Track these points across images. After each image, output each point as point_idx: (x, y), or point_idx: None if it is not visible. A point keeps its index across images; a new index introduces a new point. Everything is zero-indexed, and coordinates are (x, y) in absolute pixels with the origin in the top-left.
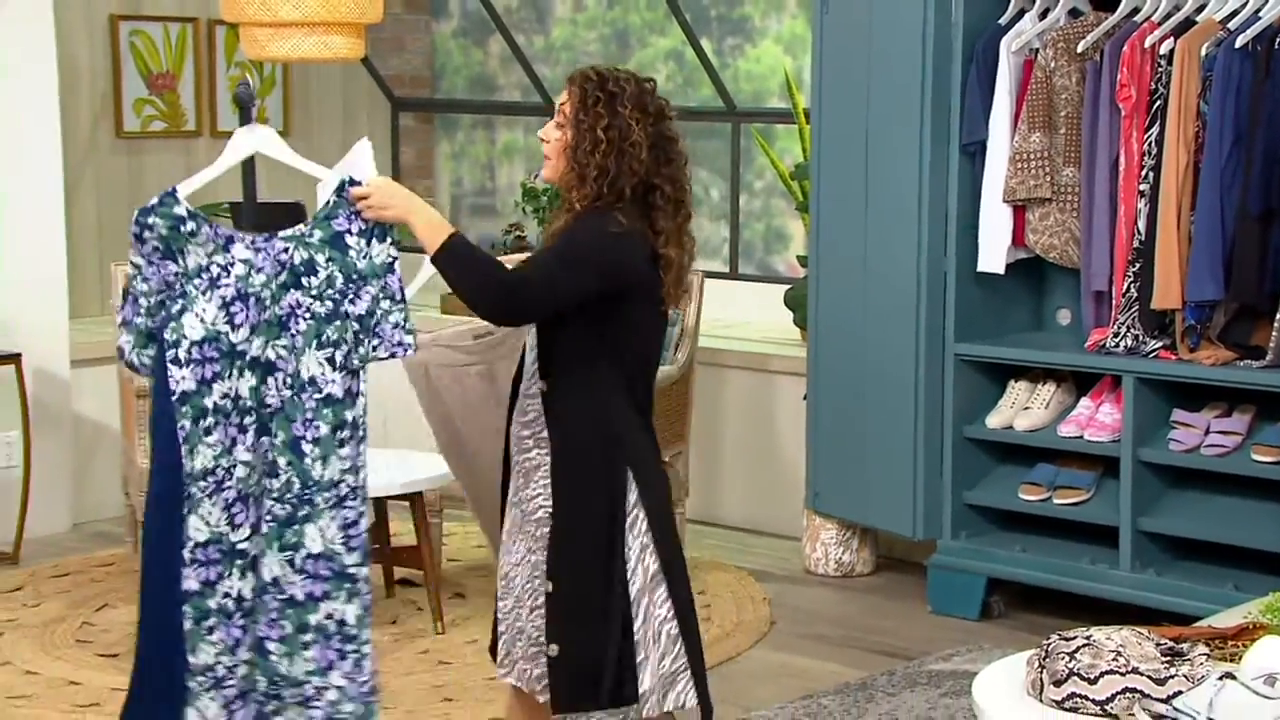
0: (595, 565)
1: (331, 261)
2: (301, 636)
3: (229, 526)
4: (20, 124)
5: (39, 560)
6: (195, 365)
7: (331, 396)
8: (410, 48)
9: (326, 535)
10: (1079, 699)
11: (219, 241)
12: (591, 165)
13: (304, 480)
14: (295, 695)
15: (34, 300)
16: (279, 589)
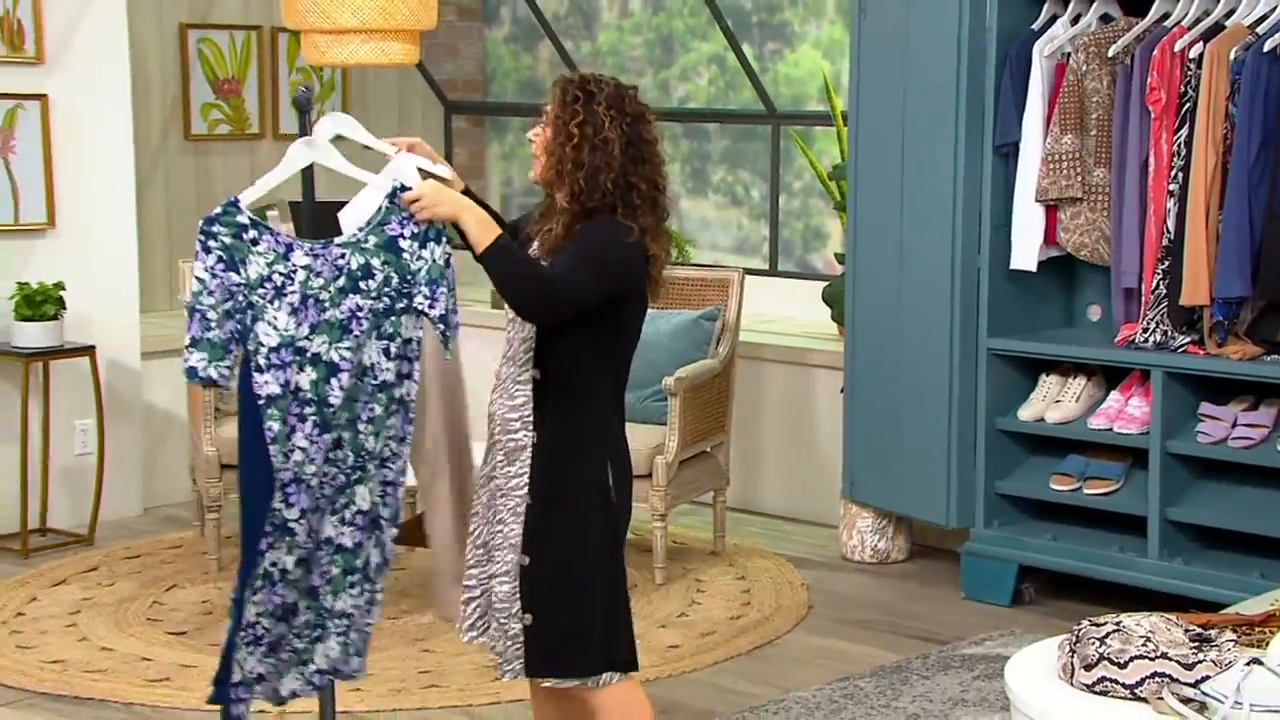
0: (573, 542)
1: (387, 264)
2: (348, 577)
3: (283, 504)
4: (95, 127)
5: (112, 542)
6: (275, 370)
7: (386, 382)
8: (463, 53)
9: (372, 493)
10: (1109, 683)
11: (279, 250)
12: (567, 160)
13: (358, 452)
14: (337, 626)
15: (107, 295)
16: (331, 544)
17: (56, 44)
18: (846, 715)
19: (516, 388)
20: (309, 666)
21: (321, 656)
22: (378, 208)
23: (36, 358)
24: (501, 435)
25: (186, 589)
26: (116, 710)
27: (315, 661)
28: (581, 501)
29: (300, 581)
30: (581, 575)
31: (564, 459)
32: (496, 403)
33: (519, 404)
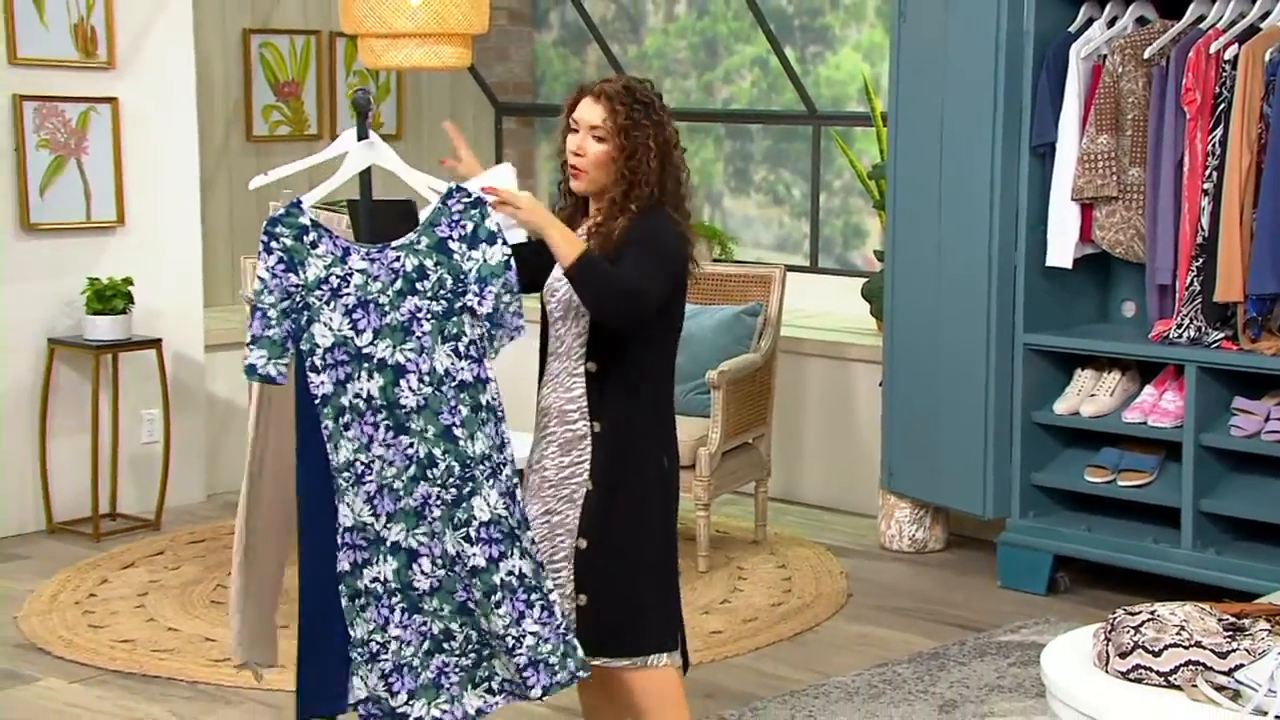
0: (631, 526)
1: (439, 265)
2: (492, 597)
3: (372, 517)
4: (162, 129)
5: (177, 527)
6: (330, 369)
7: (465, 382)
8: (513, 56)
9: (491, 503)
10: (1143, 670)
11: (337, 253)
12: (642, 172)
13: (461, 462)
14: (501, 646)
15: (173, 290)
16: (462, 563)
17: (127, 49)
18: (885, 700)
19: (572, 380)
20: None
21: (501, 669)
22: (433, 208)
23: (106, 350)
24: (558, 427)
25: None
26: (182, 688)
27: (497, 674)
28: (641, 488)
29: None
30: (638, 558)
31: (623, 447)
32: (550, 396)
33: (576, 395)
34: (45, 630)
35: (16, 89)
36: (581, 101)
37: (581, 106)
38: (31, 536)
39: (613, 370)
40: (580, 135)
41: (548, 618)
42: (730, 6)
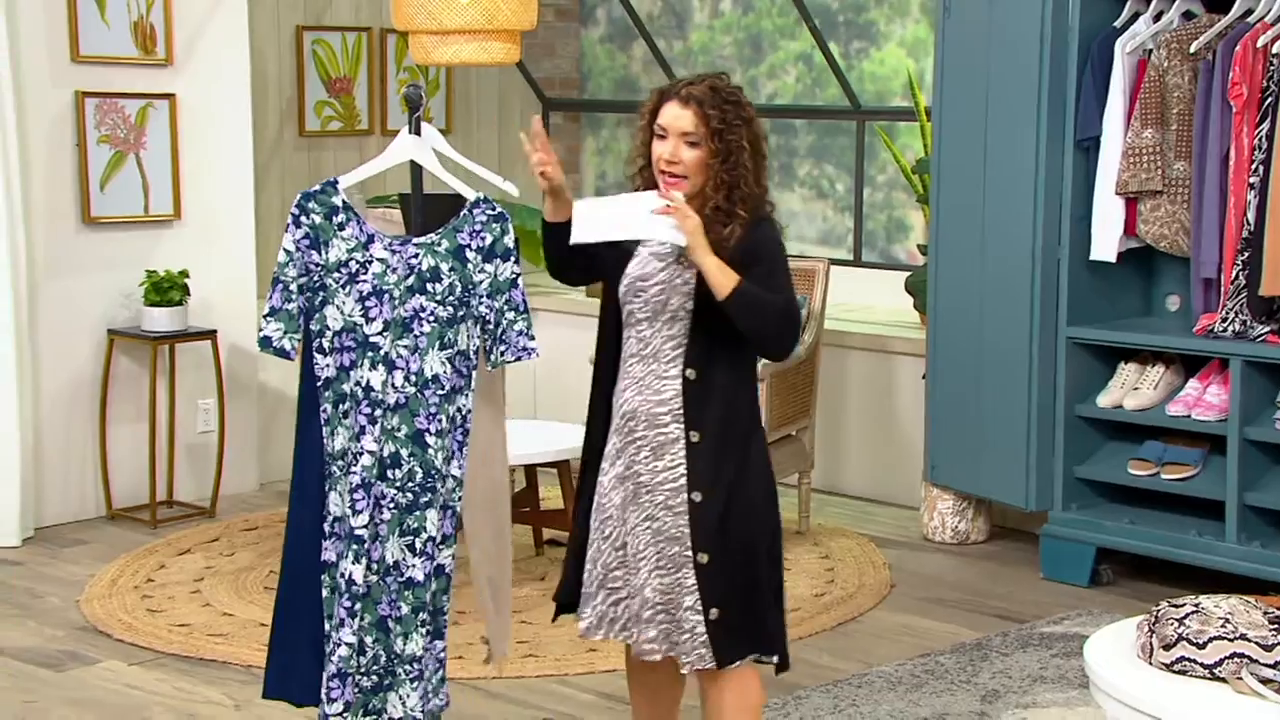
0: (748, 535)
1: (453, 271)
2: (419, 615)
3: (350, 511)
4: (218, 125)
5: (232, 515)
6: (336, 354)
7: (451, 392)
8: (560, 53)
9: (440, 519)
10: (1188, 663)
11: (361, 239)
12: (741, 172)
13: (426, 470)
14: (408, 673)
15: (227, 283)
16: (399, 572)
17: (184, 47)
18: (927, 690)
19: (663, 384)
20: (382, 716)
21: (396, 705)
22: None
23: (163, 341)
24: (648, 431)
25: None
26: (237, 672)
27: (389, 710)
28: (752, 495)
29: (367, 610)
30: (758, 566)
31: (727, 454)
32: (635, 399)
33: (667, 398)
34: (105, 614)
35: (78, 85)
36: (665, 106)
37: (667, 112)
38: (92, 522)
39: (713, 378)
40: (671, 142)
41: (435, 642)
42: (775, 3)
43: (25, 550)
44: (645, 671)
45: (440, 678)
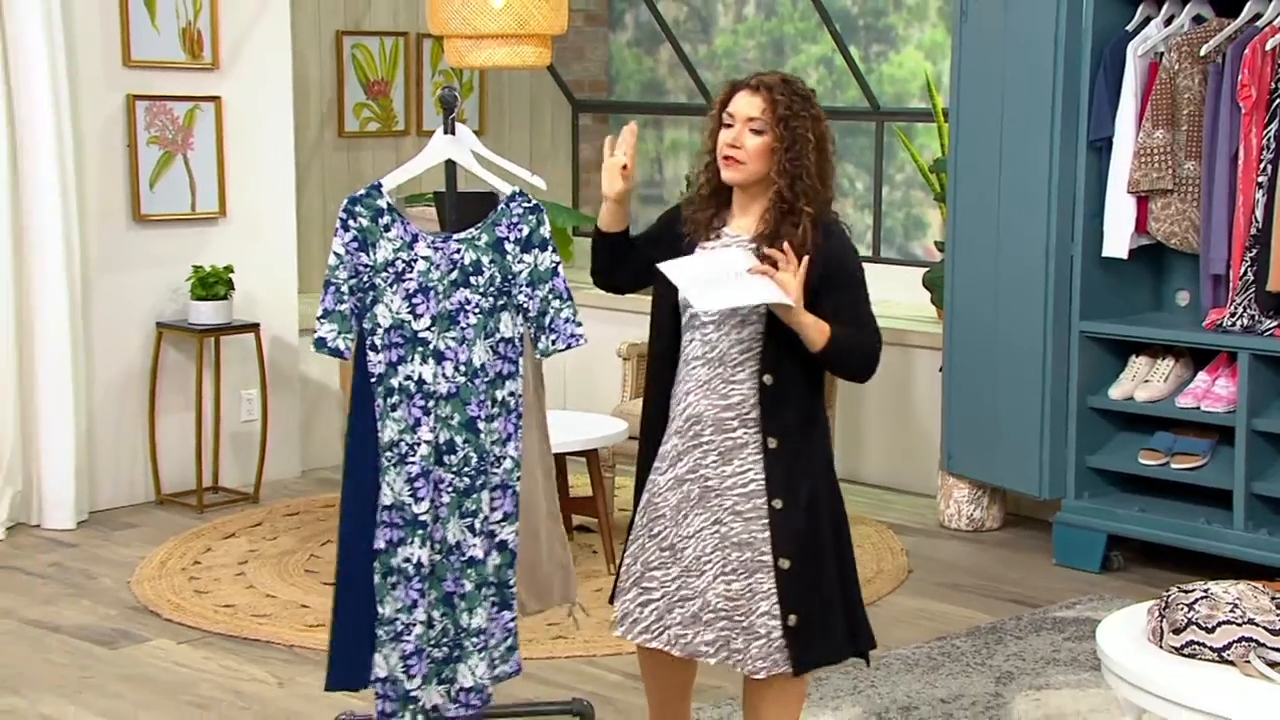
0: (827, 542)
1: (493, 263)
2: (482, 590)
3: (411, 498)
4: (261, 126)
5: (275, 500)
6: (386, 350)
7: (498, 378)
8: (590, 56)
9: (495, 498)
10: (1197, 646)
11: (406, 239)
12: (803, 163)
13: (480, 454)
14: (474, 644)
15: (270, 278)
16: (460, 551)
17: (229, 51)
18: (943, 672)
19: (730, 388)
20: (454, 685)
21: (466, 675)
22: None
23: (209, 334)
24: (715, 435)
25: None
26: (280, 651)
27: (459, 679)
28: (829, 502)
29: (433, 588)
30: (835, 573)
31: (804, 459)
32: (701, 403)
33: (735, 403)
34: (155, 594)
35: (130, 89)
36: (736, 95)
37: (737, 100)
38: (142, 507)
39: (789, 383)
40: (736, 129)
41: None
42: (797, 7)
43: (80, 533)
44: (657, 659)
45: (509, 646)
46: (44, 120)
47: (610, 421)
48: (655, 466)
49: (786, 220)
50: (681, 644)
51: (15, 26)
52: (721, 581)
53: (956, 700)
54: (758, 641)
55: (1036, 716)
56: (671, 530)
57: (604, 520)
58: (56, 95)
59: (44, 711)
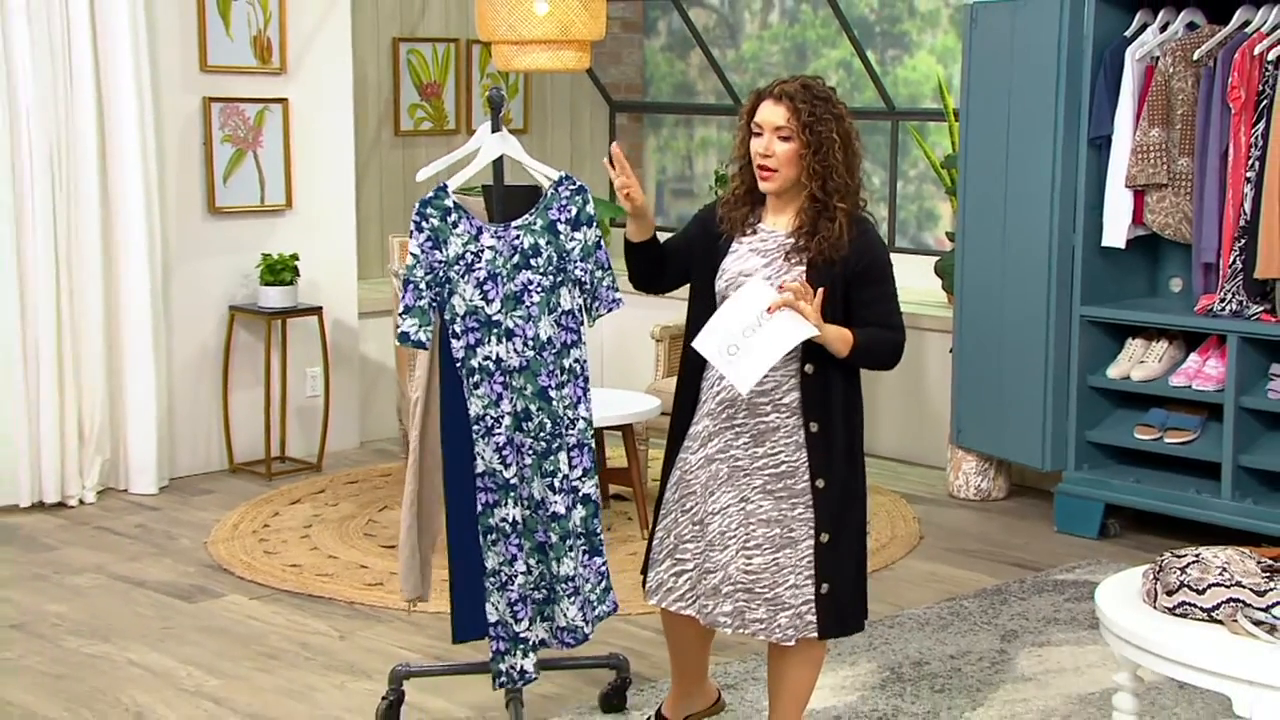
0: (859, 518)
1: (549, 244)
2: (566, 541)
3: (500, 465)
4: (323, 125)
5: (336, 469)
6: (465, 334)
7: (564, 348)
8: (625, 60)
9: (570, 458)
10: (1188, 607)
11: (472, 232)
12: (831, 163)
13: (553, 420)
14: (565, 589)
15: (331, 265)
16: (544, 508)
17: (295, 57)
18: (952, 630)
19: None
20: (553, 622)
21: (561, 616)
22: (545, 192)
23: (276, 316)
24: (747, 419)
25: (395, 510)
26: (341, 607)
27: (556, 619)
28: (861, 482)
29: (527, 540)
30: (863, 546)
31: (841, 442)
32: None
33: (769, 389)
34: (229, 554)
35: (206, 92)
36: (761, 105)
37: (762, 110)
38: (216, 474)
39: (829, 371)
40: (765, 137)
41: (591, 559)
42: (818, 14)
43: (161, 497)
44: (683, 622)
45: (604, 588)
46: (129, 122)
47: (644, 398)
48: (686, 446)
49: (821, 217)
50: (705, 613)
51: (107, 40)
52: (743, 556)
53: (965, 656)
54: (785, 612)
55: (1038, 670)
56: (701, 505)
57: (638, 489)
58: (141, 99)
59: (131, 658)
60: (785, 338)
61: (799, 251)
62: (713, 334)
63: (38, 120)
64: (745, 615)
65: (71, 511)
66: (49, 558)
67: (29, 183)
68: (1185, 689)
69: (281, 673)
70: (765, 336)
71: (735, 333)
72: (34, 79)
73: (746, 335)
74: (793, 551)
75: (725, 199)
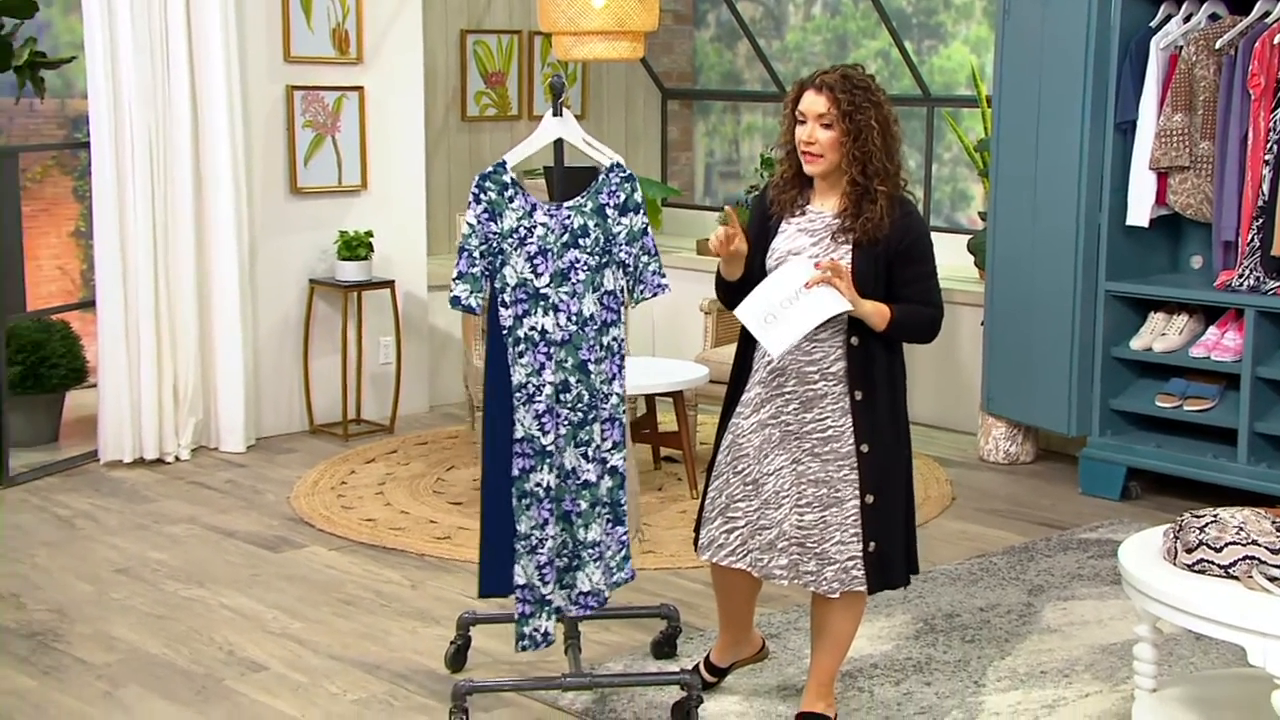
0: (903, 480)
1: (598, 226)
2: (595, 509)
3: (539, 432)
4: (396, 111)
5: (407, 431)
6: (514, 305)
7: (604, 325)
8: (677, 50)
9: (603, 430)
10: (1206, 564)
11: (527, 208)
12: (871, 149)
13: (591, 392)
14: (591, 554)
15: (403, 241)
16: (576, 476)
17: (371, 48)
18: (982, 585)
19: (813, 345)
20: (574, 590)
21: (584, 581)
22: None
23: (352, 289)
24: (797, 387)
25: (461, 469)
26: (412, 558)
27: (579, 585)
28: (905, 447)
29: (555, 507)
30: (908, 506)
31: (886, 409)
32: (786, 357)
33: (817, 359)
34: (309, 508)
35: (289, 81)
36: (804, 95)
37: (805, 99)
38: (298, 435)
39: (873, 343)
40: (809, 126)
41: (614, 528)
42: (858, 6)
43: (249, 455)
44: (733, 575)
45: (624, 556)
46: (220, 109)
47: (693, 367)
48: (739, 412)
49: (864, 200)
50: (759, 567)
51: (201, 35)
52: (795, 513)
53: (994, 609)
54: (831, 566)
55: (1063, 623)
56: (754, 467)
57: (688, 452)
58: (230, 87)
59: (223, 601)
60: (818, 310)
61: (845, 232)
62: (754, 304)
63: (138, 109)
64: (799, 568)
65: (168, 467)
66: (149, 509)
67: (130, 166)
68: (1202, 640)
69: (358, 617)
70: (801, 309)
71: (774, 304)
72: (135, 71)
73: (784, 307)
74: (839, 510)
75: (775, 182)
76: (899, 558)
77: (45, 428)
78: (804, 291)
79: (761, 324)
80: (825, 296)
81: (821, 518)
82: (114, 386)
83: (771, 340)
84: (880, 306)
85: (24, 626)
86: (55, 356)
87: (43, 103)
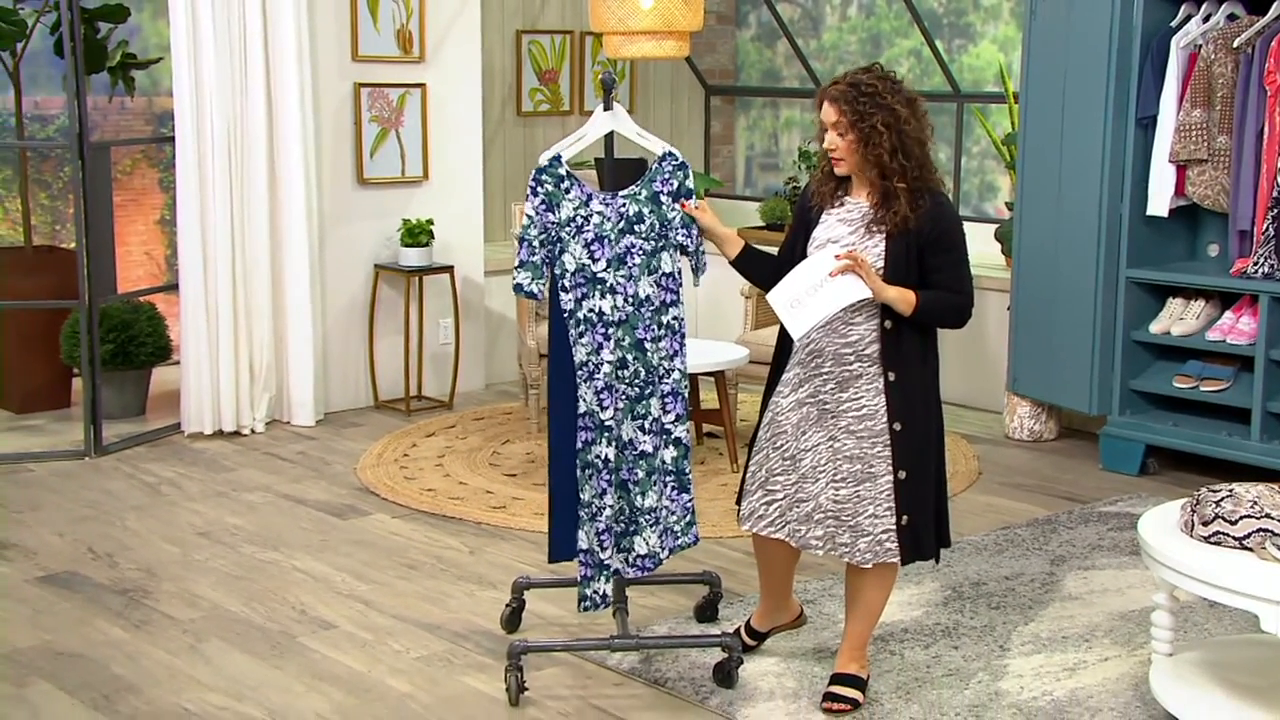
0: (933, 457)
1: (652, 213)
2: (652, 477)
3: (598, 407)
4: (456, 107)
5: (465, 408)
6: (573, 289)
7: (661, 307)
8: (720, 49)
9: (662, 404)
10: (1222, 536)
11: (583, 198)
12: (882, 151)
13: (647, 369)
14: (648, 520)
15: (461, 229)
16: (634, 447)
17: (433, 48)
18: (1007, 555)
19: (849, 328)
20: (631, 553)
21: (641, 545)
22: (651, 166)
23: (414, 274)
24: (834, 367)
25: (516, 443)
26: (470, 526)
27: (635, 548)
28: (936, 423)
29: (613, 477)
30: (937, 481)
31: (919, 389)
32: (822, 340)
33: (853, 341)
34: (374, 479)
35: (356, 79)
36: (821, 105)
37: (822, 110)
38: (363, 410)
39: (905, 328)
40: (829, 134)
41: (679, 495)
42: (891, 7)
43: (318, 429)
44: (773, 545)
45: (688, 522)
46: (292, 105)
47: (734, 348)
48: (778, 390)
49: (888, 195)
50: (797, 537)
51: (275, 36)
52: (831, 487)
53: (1018, 578)
54: (865, 538)
55: (1084, 591)
56: (792, 443)
57: (729, 428)
58: (302, 85)
59: (295, 564)
60: (839, 297)
61: (878, 223)
62: (784, 289)
63: (218, 105)
64: (835, 539)
65: (245, 439)
66: (227, 478)
67: (211, 160)
68: (1216, 608)
69: (420, 581)
70: (825, 295)
71: (801, 290)
72: (216, 71)
73: (810, 293)
74: (872, 485)
75: (816, 176)
76: (929, 531)
77: (134, 401)
78: (828, 279)
79: (788, 308)
80: (847, 284)
81: (856, 492)
82: (195, 364)
83: (794, 323)
84: (905, 292)
85: (116, 584)
86: (143, 335)
87: (132, 100)
